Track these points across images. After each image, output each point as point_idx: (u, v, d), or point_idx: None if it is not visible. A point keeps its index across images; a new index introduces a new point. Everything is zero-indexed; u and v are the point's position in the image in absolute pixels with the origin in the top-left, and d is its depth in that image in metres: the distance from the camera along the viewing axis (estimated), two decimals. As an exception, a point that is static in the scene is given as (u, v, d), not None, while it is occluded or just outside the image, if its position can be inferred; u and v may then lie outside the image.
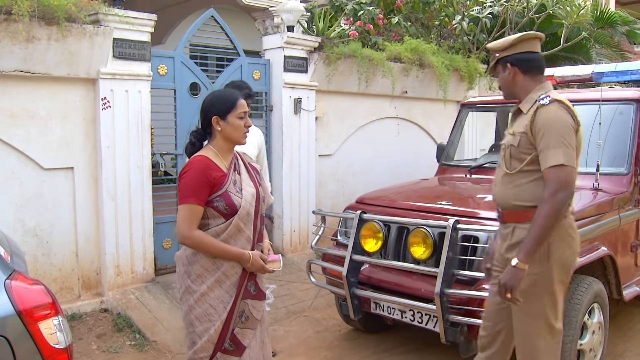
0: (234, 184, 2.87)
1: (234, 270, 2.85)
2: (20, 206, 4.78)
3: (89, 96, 5.08)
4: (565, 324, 3.62)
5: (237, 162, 2.98)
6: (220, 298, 2.83)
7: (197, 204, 2.75)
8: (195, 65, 5.90)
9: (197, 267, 2.84)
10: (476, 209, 4.16)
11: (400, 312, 4.05)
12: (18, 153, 4.74)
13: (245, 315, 2.90)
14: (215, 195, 2.79)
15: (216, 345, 2.84)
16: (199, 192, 2.75)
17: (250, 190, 2.91)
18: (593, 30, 9.59)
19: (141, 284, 5.34)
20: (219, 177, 2.81)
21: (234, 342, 2.87)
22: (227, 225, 2.81)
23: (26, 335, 1.95)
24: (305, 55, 6.69)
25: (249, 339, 2.91)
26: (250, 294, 2.92)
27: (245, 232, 2.87)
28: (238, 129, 2.89)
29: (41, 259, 4.92)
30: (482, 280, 3.70)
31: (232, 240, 2.83)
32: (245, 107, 2.91)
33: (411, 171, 7.37)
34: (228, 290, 2.84)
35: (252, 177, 3.00)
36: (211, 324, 2.82)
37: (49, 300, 2.07)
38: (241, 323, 2.89)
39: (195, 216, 2.76)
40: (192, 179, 2.77)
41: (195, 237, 2.76)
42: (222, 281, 2.83)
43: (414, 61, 7.56)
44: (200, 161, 2.81)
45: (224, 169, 2.87)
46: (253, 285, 2.94)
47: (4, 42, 4.39)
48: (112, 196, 5.12)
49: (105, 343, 4.64)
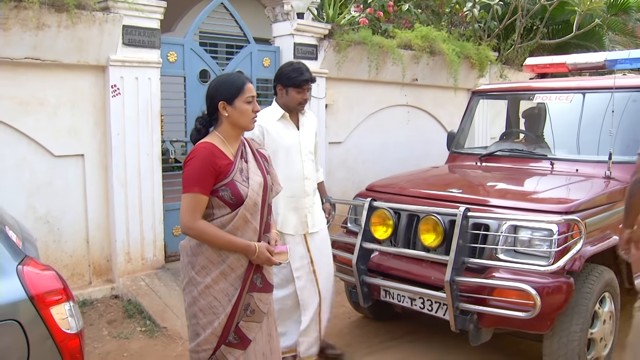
0: (240, 172, 2.76)
1: (240, 263, 2.76)
2: (31, 193, 4.80)
3: (99, 83, 5.08)
4: (576, 312, 3.63)
5: (245, 149, 2.88)
6: (225, 291, 2.75)
7: (201, 193, 2.65)
8: (205, 53, 5.88)
9: (202, 259, 2.75)
10: (487, 197, 4.14)
11: (410, 300, 4.04)
12: (29, 140, 4.76)
13: (251, 309, 2.82)
14: (220, 184, 2.70)
15: (220, 338, 2.77)
16: (203, 181, 2.65)
17: (258, 179, 2.81)
18: (606, 17, 9.49)
19: (151, 270, 5.36)
20: (224, 165, 2.71)
21: (238, 336, 2.79)
22: (233, 217, 2.72)
23: (38, 320, 1.96)
24: (315, 42, 6.66)
25: (255, 333, 2.84)
26: (257, 286, 2.83)
27: (252, 223, 2.77)
28: (246, 114, 2.79)
29: (52, 246, 4.94)
30: (492, 269, 3.69)
31: (239, 232, 2.74)
32: (252, 91, 2.81)
33: (421, 159, 7.34)
34: (233, 283, 2.76)
35: (259, 165, 2.90)
36: (215, 316, 2.75)
37: (60, 286, 2.08)
38: (246, 316, 2.81)
39: (199, 206, 2.67)
40: (197, 167, 2.67)
41: (199, 227, 2.67)
42: (227, 274, 2.74)
43: (424, 48, 7.51)
44: (205, 148, 2.71)
45: (230, 157, 2.77)
46: (259, 278, 2.85)
47: (14, 30, 4.39)
48: (122, 183, 5.13)
49: (116, 329, 4.67)
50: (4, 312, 1.89)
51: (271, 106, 4.01)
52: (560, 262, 3.45)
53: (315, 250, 4.01)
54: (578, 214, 3.64)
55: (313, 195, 4.04)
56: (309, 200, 3.99)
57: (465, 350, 4.34)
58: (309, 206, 3.98)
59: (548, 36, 9.83)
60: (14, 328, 1.90)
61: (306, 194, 3.97)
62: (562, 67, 5.70)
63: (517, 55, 9.26)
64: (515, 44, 9.15)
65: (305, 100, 3.93)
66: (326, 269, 4.09)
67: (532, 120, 5.58)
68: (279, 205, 3.86)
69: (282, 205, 3.89)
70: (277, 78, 3.95)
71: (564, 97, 5.02)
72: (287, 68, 3.94)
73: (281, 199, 3.80)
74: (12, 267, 1.98)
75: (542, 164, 4.88)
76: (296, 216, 3.94)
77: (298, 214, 3.94)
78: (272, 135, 3.88)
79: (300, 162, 3.95)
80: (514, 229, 3.68)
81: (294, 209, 3.93)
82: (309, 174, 3.99)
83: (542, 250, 3.57)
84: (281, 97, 3.94)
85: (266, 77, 6.48)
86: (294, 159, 3.93)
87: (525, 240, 3.66)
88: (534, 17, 9.40)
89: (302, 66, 3.92)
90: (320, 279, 4.01)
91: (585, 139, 4.86)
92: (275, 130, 3.90)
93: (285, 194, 3.78)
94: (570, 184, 4.32)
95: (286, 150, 3.91)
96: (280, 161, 3.86)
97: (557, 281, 3.51)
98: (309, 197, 3.99)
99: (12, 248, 2.07)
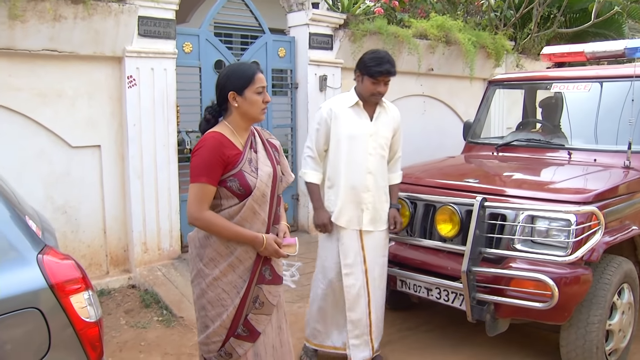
0: (249, 162, 2.71)
1: (248, 255, 2.71)
2: (49, 184, 4.85)
3: (115, 74, 5.10)
4: (594, 303, 3.60)
5: (254, 139, 2.82)
6: (233, 283, 2.71)
7: (208, 183, 2.61)
8: (220, 43, 5.89)
9: (210, 251, 2.72)
10: (503, 186, 4.11)
11: (426, 290, 4.04)
12: (47, 131, 4.80)
13: (260, 301, 2.77)
14: (228, 174, 2.65)
15: (229, 330, 2.74)
16: (211, 171, 2.61)
17: (267, 170, 2.75)
18: (626, 4, 9.35)
19: (168, 260, 5.40)
20: (233, 155, 2.66)
21: (247, 328, 2.76)
22: (241, 207, 2.66)
23: (58, 308, 1.98)
24: (331, 32, 6.64)
25: (264, 325, 2.80)
26: (265, 279, 2.79)
27: (260, 215, 2.72)
28: (255, 105, 2.71)
29: (70, 236, 4.99)
30: (509, 259, 3.68)
31: (247, 223, 2.69)
32: (263, 82, 2.73)
33: (437, 149, 7.29)
34: (242, 275, 2.72)
35: (269, 155, 2.83)
36: (224, 309, 2.72)
37: (79, 275, 2.10)
38: (255, 309, 2.77)
39: (206, 196, 2.63)
40: (205, 157, 2.62)
41: (206, 218, 2.62)
42: (235, 266, 2.71)
43: (440, 38, 7.45)
44: (213, 138, 2.67)
45: (239, 147, 2.71)
46: (268, 270, 2.80)
47: (32, 22, 4.41)
48: (139, 174, 5.16)
49: (133, 318, 4.71)
50: (25, 300, 1.92)
51: (349, 92, 3.86)
52: (579, 252, 3.43)
53: (370, 249, 3.80)
54: (596, 204, 3.60)
55: (376, 192, 3.79)
56: (370, 197, 3.76)
57: (481, 341, 4.33)
58: (367, 202, 3.76)
59: (565, 25, 9.71)
60: (35, 316, 1.92)
61: (367, 189, 3.75)
62: (580, 56, 5.62)
63: (533, 44, 9.16)
64: (532, 33, 9.05)
65: (379, 92, 3.69)
66: (379, 272, 3.88)
67: (549, 110, 5.53)
68: (338, 195, 3.76)
69: (342, 195, 3.76)
70: (357, 63, 3.76)
71: (582, 86, 4.96)
72: (368, 55, 3.72)
73: (342, 189, 3.74)
74: (32, 256, 2.00)
75: (559, 153, 4.83)
76: (353, 210, 3.76)
77: (355, 208, 3.76)
78: (340, 121, 3.75)
79: (365, 154, 3.74)
80: (531, 219, 3.66)
81: (352, 202, 3.75)
82: (373, 168, 3.77)
83: (559, 240, 3.54)
84: (358, 84, 3.77)
85: (281, 68, 6.48)
86: (358, 150, 3.74)
87: (543, 231, 3.63)
88: (551, 6, 9.28)
89: (384, 56, 3.67)
90: (370, 280, 3.81)
91: (603, 129, 4.80)
92: (345, 117, 3.75)
93: (346, 184, 3.73)
94: (588, 174, 4.27)
95: (352, 139, 3.73)
96: (343, 149, 3.74)
97: (575, 272, 3.48)
98: (370, 193, 3.76)
99: (32, 237, 2.09)
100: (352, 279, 3.78)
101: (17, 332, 1.91)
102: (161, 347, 4.31)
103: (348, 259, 3.78)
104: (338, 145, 3.75)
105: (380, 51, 3.76)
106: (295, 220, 6.78)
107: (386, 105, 3.87)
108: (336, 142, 3.77)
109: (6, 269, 1.94)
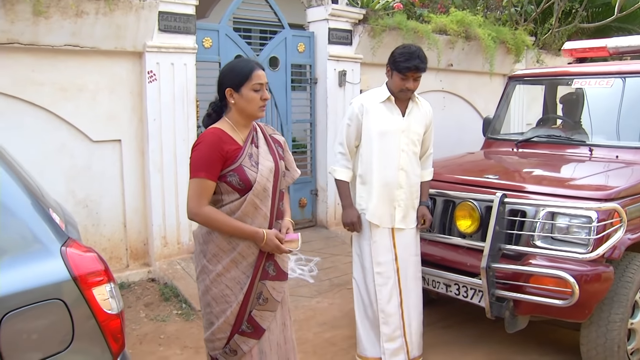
0: (249, 157, 2.68)
1: (251, 250, 2.69)
2: (71, 178, 4.90)
3: (135, 70, 5.14)
4: (616, 302, 3.56)
5: (256, 134, 2.79)
6: (236, 279, 2.70)
7: (207, 178, 2.59)
8: (239, 38, 5.91)
9: (213, 247, 2.70)
10: (523, 183, 4.08)
11: (445, 286, 4.02)
12: (68, 126, 4.85)
13: (264, 297, 2.75)
14: (228, 169, 2.63)
15: (233, 327, 2.72)
16: (210, 166, 2.59)
17: (268, 165, 2.72)
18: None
19: (187, 254, 5.44)
20: (232, 150, 2.64)
21: (251, 325, 2.74)
22: (242, 202, 2.65)
23: (81, 300, 2.00)
24: (350, 27, 6.62)
25: (269, 322, 2.77)
26: (269, 275, 2.76)
27: (262, 210, 2.69)
28: (253, 102, 2.67)
29: (91, 229, 5.05)
30: (529, 255, 3.65)
31: (249, 218, 2.67)
32: (261, 79, 2.67)
33: (456, 145, 7.24)
34: (245, 271, 2.70)
35: (272, 150, 2.80)
36: (228, 305, 2.70)
37: (101, 268, 2.12)
38: (259, 305, 2.74)
39: (205, 191, 2.61)
40: (204, 152, 2.61)
41: (205, 213, 2.61)
42: (238, 261, 2.68)
43: (459, 33, 7.42)
44: (212, 134, 2.65)
45: (239, 142, 2.69)
46: (272, 266, 2.77)
47: (55, 17, 4.46)
48: (159, 168, 5.20)
49: (153, 312, 4.76)
50: (49, 292, 1.95)
51: (381, 87, 3.79)
52: (600, 249, 3.40)
53: (402, 248, 3.75)
54: (618, 201, 3.56)
55: (408, 189, 3.73)
56: (402, 194, 3.70)
57: (499, 338, 4.31)
58: (400, 199, 3.70)
59: (588, 19, 9.60)
60: (59, 307, 1.95)
61: (399, 186, 3.69)
62: (602, 51, 5.55)
63: (554, 39, 9.07)
64: (552, 28, 8.96)
65: (407, 88, 3.61)
66: (413, 272, 3.81)
67: (570, 106, 5.47)
68: (371, 192, 3.70)
69: (375, 193, 3.69)
70: (389, 58, 3.69)
71: (604, 81, 4.90)
72: (399, 50, 3.64)
73: (375, 186, 3.68)
74: (56, 249, 2.02)
75: (580, 150, 4.78)
76: (385, 207, 3.70)
77: (388, 205, 3.70)
78: (371, 116, 3.68)
79: (397, 150, 3.68)
80: (552, 216, 3.62)
81: (384, 199, 3.69)
82: (405, 165, 3.70)
83: (580, 237, 3.51)
84: (389, 79, 3.71)
85: (300, 63, 6.49)
86: (390, 146, 3.68)
87: (563, 227, 3.60)
88: (572, 0, 9.18)
89: (414, 51, 3.58)
90: (402, 279, 3.74)
91: (625, 125, 4.73)
92: (377, 112, 3.69)
93: (379, 182, 3.68)
94: (610, 171, 4.23)
95: (383, 135, 3.66)
96: (375, 146, 3.68)
97: (596, 269, 3.45)
98: (403, 190, 3.70)
99: (56, 230, 2.12)
100: (383, 277, 3.71)
101: (42, 323, 1.94)
102: (180, 340, 4.35)
103: (380, 257, 3.72)
104: (370, 142, 3.68)
105: (411, 46, 3.67)
106: (314, 215, 6.79)
107: (418, 100, 3.80)
108: (368, 138, 3.69)
109: (31, 261, 1.96)
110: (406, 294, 3.76)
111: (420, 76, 3.65)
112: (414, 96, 3.75)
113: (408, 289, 3.77)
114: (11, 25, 4.31)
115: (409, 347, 3.79)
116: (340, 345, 4.32)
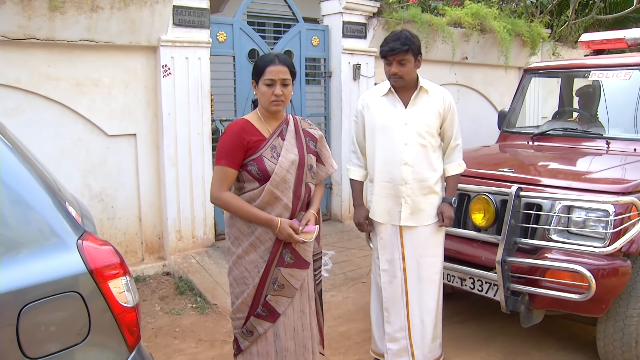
0: (272, 149, 2.80)
1: (268, 236, 2.82)
2: (86, 172, 4.94)
3: (150, 64, 5.16)
4: (633, 296, 3.54)
5: (287, 127, 2.89)
6: (254, 262, 2.84)
7: (228, 166, 2.76)
8: (253, 32, 5.90)
9: (234, 230, 2.87)
10: (539, 176, 4.05)
11: (460, 280, 4.01)
12: (84, 120, 4.88)
13: (279, 283, 2.84)
14: (249, 159, 2.78)
15: (250, 308, 2.86)
16: (230, 155, 2.76)
17: (290, 157, 2.82)
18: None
19: (202, 248, 5.46)
20: (254, 141, 2.79)
21: (266, 309, 2.85)
22: (260, 192, 2.78)
23: (97, 293, 2.01)
24: (364, 20, 6.60)
25: (284, 307, 2.87)
26: (285, 262, 2.85)
27: (282, 200, 2.80)
28: (265, 97, 2.79)
29: (107, 223, 5.08)
30: (544, 249, 3.63)
31: (269, 207, 2.80)
32: (274, 74, 2.75)
33: (471, 138, 7.20)
34: (262, 256, 2.83)
35: (299, 144, 2.88)
36: (246, 286, 2.85)
37: (117, 261, 2.13)
38: (274, 290, 2.85)
39: (226, 178, 2.79)
40: (226, 141, 2.79)
41: (224, 198, 2.79)
42: (256, 245, 2.82)
43: (474, 26, 7.36)
44: (236, 124, 2.83)
45: (264, 133, 2.82)
46: (288, 253, 2.85)
47: (70, 12, 4.48)
48: (173, 162, 5.22)
49: (168, 305, 4.79)
50: (66, 284, 1.96)
51: (385, 80, 3.58)
52: (617, 243, 3.37)
53: (410, 247, 3.51)
54: (636, 195, 3.52)
55: (416, 184, 3.44)
56: (408, 189, 3.44)
57: (515, 332, 4.30)
58: (406, 195, 3.44)
59: (605, 11, 9.48)
60: (76, 299, 1.97)
61: (404, 181, 3.43)
62: (620, 43, 5.48)
63: (570, 32, 8.97)
64: (569, 20, 8.86)
65: (394, 73, 3.37)
66: (427, 272, 3.55)
67: (586, 99, 5.41)
68: (374, 189, 3.58)
69: (376, 190, 3.55)
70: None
71: (621, 74, 4.84)
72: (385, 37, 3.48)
73: (377, 183, 3.54)
74: (72, 242, 2.03)
75: (597, 143, 4.74)
76: (389, 204, 3.51)
77: (392, 202, 3.49)
78: (372, 111, 3.53)
79: (400, 144, 3.43)
80: (568, 209, 3.59)
81: (388, 196, 3.50)
82: (410, 159, 3.42)
83: (597, 231, 3.48)
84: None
85: (315, 56, 6.47)
86: (393, 140, 3.45)
87: (580, 221, 3.57)
88: (589, -7, 9.08)
89: (395, 34, 3.39)
90: (410, 279, 3.53)
91: (644, 118, 4.69)
92: (377, 106, 3.52)
93: (382, 179, 3.51)
94: (627, 164, 4.18)
95: (384, 130, 3.47)
96: (377, 141, 3.51)
97: (612, 263, 3.42)
98: (408, 185, 3.43)
99: (73, 223, 2.13)
100: (388, 276, 3.58)
101: (60, 315, 1.96)
102: (195, 333, 4.38)
103: (385, 255, 3.58)
104: (373, 137, 3.54)
105: (395, 31, 3.48)
106: (328, 209, 6.79)
107: (429, 88, 3.49)
108: (371, 133, 3.55)
109: (48, 254, 1.98)
110: (415, 295, 3.55)
111: (404, 59, 3.35)
112: (422, 85, 3.47)
113: (420, 291, 3.55)
114: (28, 21, 4.34)
115: (414, 350, 3.59)
116: (354, 339, 4.32)
